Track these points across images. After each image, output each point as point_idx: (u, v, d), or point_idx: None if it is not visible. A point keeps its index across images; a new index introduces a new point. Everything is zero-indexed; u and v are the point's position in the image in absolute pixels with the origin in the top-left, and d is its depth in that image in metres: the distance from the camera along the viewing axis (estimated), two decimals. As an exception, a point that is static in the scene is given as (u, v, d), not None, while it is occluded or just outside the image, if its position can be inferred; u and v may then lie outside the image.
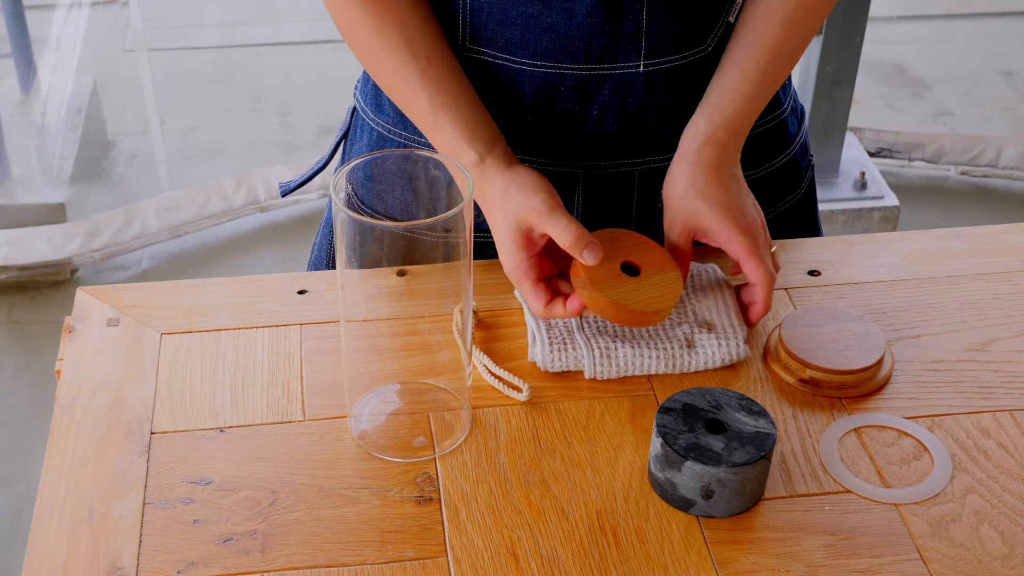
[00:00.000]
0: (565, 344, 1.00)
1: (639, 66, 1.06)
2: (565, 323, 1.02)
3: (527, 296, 0.99)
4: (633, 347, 1.00)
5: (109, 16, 3.64)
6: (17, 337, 2.51)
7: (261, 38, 3.56)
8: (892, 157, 3.02)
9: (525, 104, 1.08)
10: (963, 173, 3.00)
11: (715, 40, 1.09)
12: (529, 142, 1.10)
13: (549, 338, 1.01)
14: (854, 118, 2.86)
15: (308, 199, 2.84)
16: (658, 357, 1.00)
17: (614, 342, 1.00)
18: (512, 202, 0.98)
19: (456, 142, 1.02)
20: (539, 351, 1.00)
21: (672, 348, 1.00)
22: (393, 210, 1.14)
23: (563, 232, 0.96)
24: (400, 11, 1.03)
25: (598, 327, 1.02)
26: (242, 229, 2.83)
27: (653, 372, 1.00)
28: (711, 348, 1.00)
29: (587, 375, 1.00)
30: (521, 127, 1.09)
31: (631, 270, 0.99)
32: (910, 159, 3.01)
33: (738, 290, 1.06)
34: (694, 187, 1.03)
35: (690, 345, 1.00)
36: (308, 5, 3.59)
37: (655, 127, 1.10)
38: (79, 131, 2.94)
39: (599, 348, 1.00)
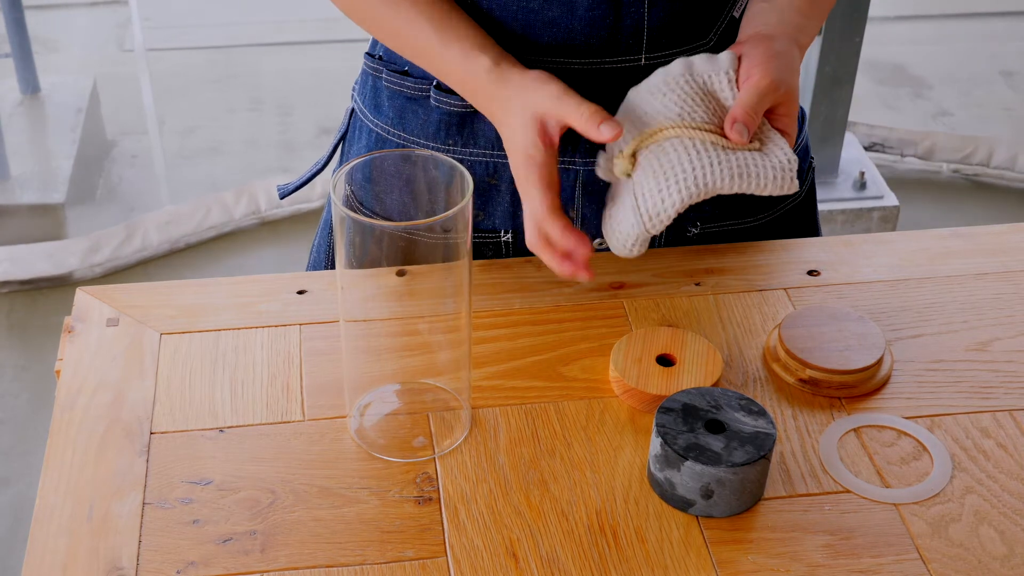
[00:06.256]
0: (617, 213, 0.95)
1: (640, 59, 1.06)
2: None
3: (532, 193, 0.92)
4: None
5: (109, 16, 3.64)
6: (17, 337, 2.51)
7: (261, 38, 3.56)
8: (885, 152, 3.03)
9: None
10: (955, 171, 3.01)
11: (717, 34, 1.08)
12: None
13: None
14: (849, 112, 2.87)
15: (310, 204, 2.85)
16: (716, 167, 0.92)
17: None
18: (530, 93, 0.95)
19: (465, 51, 0.99)
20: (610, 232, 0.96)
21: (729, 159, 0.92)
22: (392, 211, 1.14)
23: (577, 110, 0.92)
24: None
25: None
26: (242, 229, 2.83)
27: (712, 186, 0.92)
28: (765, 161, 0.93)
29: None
30: None
31: (666, 362, 0.98)
32: (902, 155, 3.02)
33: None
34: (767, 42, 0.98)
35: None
36: (308, 5, 3.59)
37: None
38: (79, 131, 2.94)
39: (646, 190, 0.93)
